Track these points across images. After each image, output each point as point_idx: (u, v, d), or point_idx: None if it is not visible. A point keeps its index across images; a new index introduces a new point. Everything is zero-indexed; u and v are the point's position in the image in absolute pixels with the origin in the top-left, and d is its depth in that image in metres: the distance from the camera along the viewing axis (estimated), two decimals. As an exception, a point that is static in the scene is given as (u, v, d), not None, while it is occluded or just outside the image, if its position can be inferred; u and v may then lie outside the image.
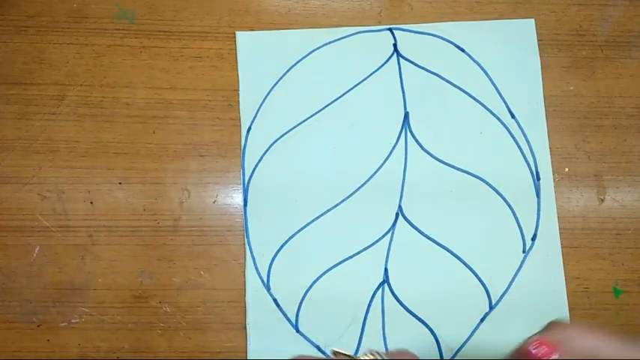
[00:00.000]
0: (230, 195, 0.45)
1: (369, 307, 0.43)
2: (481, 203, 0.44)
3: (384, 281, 0.43)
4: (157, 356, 0.42)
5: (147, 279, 0.43)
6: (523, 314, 0.43)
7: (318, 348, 0.42)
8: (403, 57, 0.47)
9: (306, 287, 0.43)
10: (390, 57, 0.47)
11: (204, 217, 0.44)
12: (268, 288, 0.43)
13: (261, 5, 0.48)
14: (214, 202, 0.45)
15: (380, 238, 0.44)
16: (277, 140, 0.45)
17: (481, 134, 0.46)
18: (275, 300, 0.43)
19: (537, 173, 0.45)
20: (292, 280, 0.43)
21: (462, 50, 0.47)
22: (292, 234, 0.44)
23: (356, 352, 0.42)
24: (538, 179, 0.45)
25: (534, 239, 0.44)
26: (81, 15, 0.47)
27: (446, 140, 0.46)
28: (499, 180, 0.45)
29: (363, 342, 0.42)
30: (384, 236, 0.44)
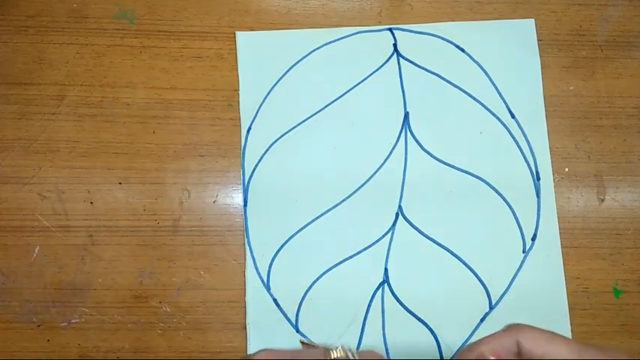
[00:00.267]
0: (230, 195, 0.45)
1: (369, 307, 0.43)
2: (481, 203, 0.44)
3: (384, 281, 0.43)
4: (157, 356, 0.42)
5: (147, 279, 0.43)
6: (523, 314, 0.43)
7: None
8: (403, 57, 0.47)
9: (306, 287, 0.43)
10: (390, 57, 0.47)
11: (204, 217, 0.44)
12: (268, 288, 0.43)
13: (261, 5, 0.48)
14: (214, 202, 0.45)
15: (380, 238, 0.44)
16: (277, 140, 0.45)
17: (481, 134, 0.46)
18: (275, 300, 0.43)
19: (537, 173, 0.45)
20: (292, 280, 0.43)
21: (462, 50, 0.47)
22: (292, 234, 0.44)
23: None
24: (538, 179, 0.45)
25: (534, 239, 0.44)
26: (81, 15, 0.47)
27: (446, 140, 0.46)
28: (499, 180, 0.45)
29: (363, 342, 0.42)
30: (384, 236, 0.44)
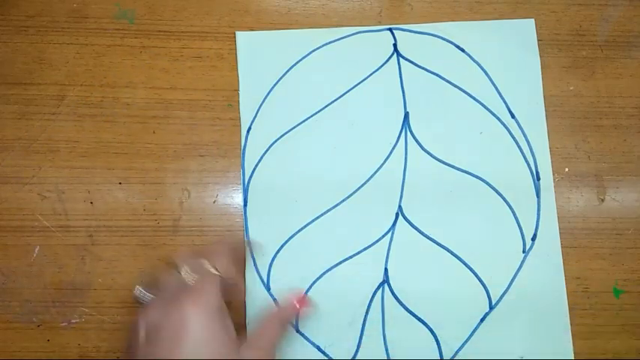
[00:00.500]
0: (230, 195, 0.45)
1: (369, 307, 0.43)
2: (481, 203, 0.44)
3: (384, 281, 0.43)
4: (157, 356, 0.42)
5: (147, 279, 0.43)
6: (523, 314, 0.43)
7: (318, 348, 0.42)
8: (403, 57, 0.47)
9: (306, 287, 0.43)
10: (390, 57, 0.47)
11: (204, 217, 0.44)
12: (268, 288, 0.43)
13: (261, 5, 0.48)
14: (214, 202, 0.45)
15: (380, 238, 0.44)
16: (277, 140, 0.45)
17: (481, 134, 0.46)
18: (275, 300, 0.43)
19: (537, 173, 0.45)
20: (292, 281, 0.43)
21: (462, 50, 0.47)
22: (292, 234, 0.44)
23: (356, 352, 0.42)
24: (538, 179, 0.45)
25: (534, 239, 0.44)
26: (81, 15, 0.47)
27: (446, 140, 0.46)
28: (499, 180, 0.45)
29: (363, 342, 0.42)
30: (384, 236, 0.44)
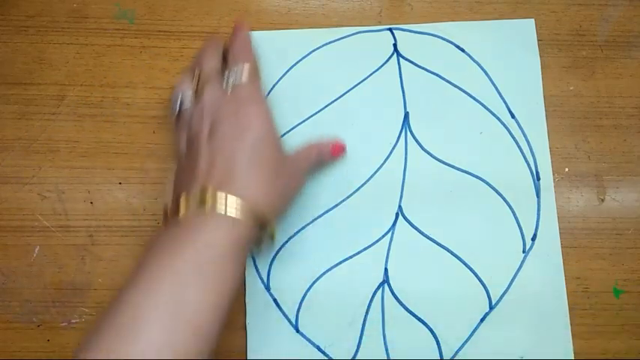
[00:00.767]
0: (230, 195, 0.45)
1: (369, 307, 0.43)
2: (481, 203, 0.44)
3: (384, 281, 0.43)
4: (157, 356, 0.42)
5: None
6: (523, 314, 0.43)
7: (318, 348, 0.42)
8: (403, 57, 0.47)
9: (306, 287, 0.43)
10: (390, 57, 0.47)
11: (204, 217, 0.44)
12: (268, 288, 0.43)
13: (261, 5, 0.48)
14: (214, 202, 0.44)
15: (380, 238, 0.44)
16: (277, 140, 0.45)
17: (481, 134, 0.46)
18: (275, 300, 0.43)
19: (537, 173, 0.45)
20: (292, 280, 0.43)
21: (462, 50, 0.47)
22: (292, 234, 0.44)
23: (356, 352, 0.42)
24: (538, 179, 0.45)
25: (534, 239, 0.44)
26: (81, 15, 0.47)
27: (446, 140, 0.46)
28: (499, 180, 0.45)
29: (363, 342, 0.42)
30: (384, 236, 0.44)
